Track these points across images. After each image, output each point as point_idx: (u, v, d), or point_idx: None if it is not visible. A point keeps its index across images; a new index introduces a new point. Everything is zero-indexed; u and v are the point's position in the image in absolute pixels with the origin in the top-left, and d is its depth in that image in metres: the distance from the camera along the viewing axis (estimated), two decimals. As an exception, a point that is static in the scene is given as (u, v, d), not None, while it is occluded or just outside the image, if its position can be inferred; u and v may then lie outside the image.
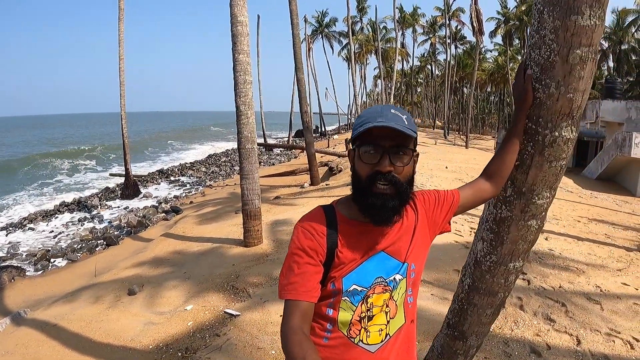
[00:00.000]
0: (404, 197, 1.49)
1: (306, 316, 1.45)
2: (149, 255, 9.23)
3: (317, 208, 1.61)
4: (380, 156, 1.44)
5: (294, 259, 1.49)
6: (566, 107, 1.86)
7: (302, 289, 1.44)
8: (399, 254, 1.58)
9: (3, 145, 57.90)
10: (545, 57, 1.84)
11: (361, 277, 1.52)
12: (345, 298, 1.51)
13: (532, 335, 4.68)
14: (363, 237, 1.54)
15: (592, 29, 1.76)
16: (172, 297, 6.43)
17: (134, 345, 5.07)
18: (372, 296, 1.53)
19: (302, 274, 1.46)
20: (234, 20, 7.67)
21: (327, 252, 1.50)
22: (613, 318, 5.14)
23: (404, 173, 1.48)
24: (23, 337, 5.82)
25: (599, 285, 6.17)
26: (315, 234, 1.50)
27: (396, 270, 1.57)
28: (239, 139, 8.12)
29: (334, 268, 1.50)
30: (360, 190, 1.49)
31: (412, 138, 1.48)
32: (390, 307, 1.56)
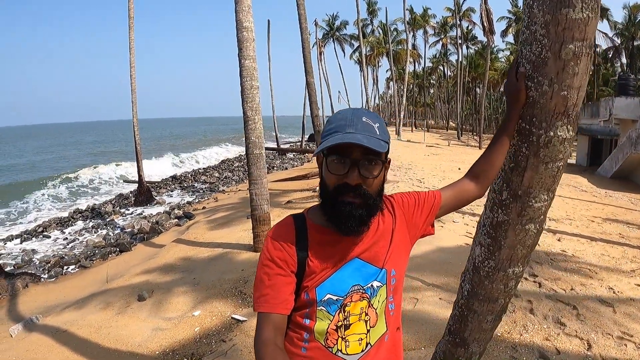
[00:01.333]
0: (372, 208, 1.44)
1: (279, 328, 1.42)
2: (160, 261, 9.25)
3: (287, 217, 1.57)
4: (349, 168, 1.38)
5: (265, 270, 1.45)
6: (561, 105, 1.78)
7: (274, 301, 1.41)
8: (376, 260, 1.52)
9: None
10: (537, 53, 1.76)
11: (335, 285, 1.46)
12: (322, 307, 1.46)
13: (541, 340, 4.58)
14: (335, 244, 1.48)
15: (585, 22, 1.68)
16: (180, 303, 6.44)
17: (141, 350, 5.09)
18: (349, 304, 1.47)
19: (272, 285, 1.43)
20: (239, 26, 7.67)
21: (298, 262, 1.46)
22: (626, 321, 5.00)
23: (375, 184, 1.43)
24: (34, 343, 5.87)
25: (612, 287, 6.02)
26: (284, 245, 1.46)
27: (374, 277, 1.51)
28: (247, 144, 8.12)
29: (306, 277, 1.46)
30: (327, 200, 1.44)
31: (384, 151, 1.41)
32: (370, 315, 1.50)
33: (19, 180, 33.30)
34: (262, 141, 8.13)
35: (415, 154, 27.06)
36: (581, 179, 20.80)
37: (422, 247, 7.34)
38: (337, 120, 1.44)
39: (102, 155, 52.59)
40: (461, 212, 10.54)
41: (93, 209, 20.01)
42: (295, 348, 1.50)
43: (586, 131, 27.39)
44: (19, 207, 22.77)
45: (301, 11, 15.71)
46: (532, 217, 2.06)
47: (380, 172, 1.42)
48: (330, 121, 1.47)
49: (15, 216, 20.69)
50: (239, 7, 7.62)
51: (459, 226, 9.19)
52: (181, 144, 66.72)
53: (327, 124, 1.47)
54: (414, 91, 75.52)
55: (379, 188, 1.46)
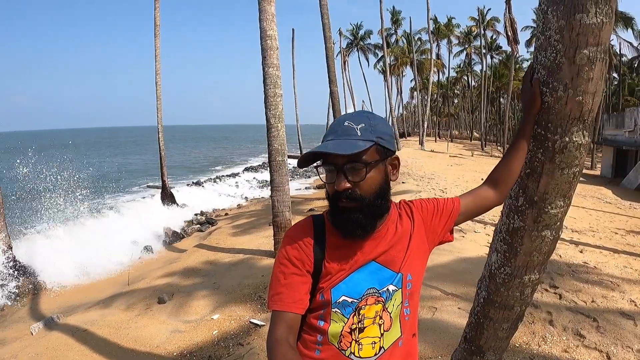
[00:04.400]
0: (369, 209, 1.43)
1: (292, 327, 1.42)
2: (182, 265, 9.37)
3: (307, 218, 1.58)
4: (337, 175, 1.40)
5: (281, 269, 1.46)
6: (576, 111, 1.78)
7: (288, 300, 1.42)
8: (392, 264, 1.52)
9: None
10: (552, 59, 1.77)
11: (351, 288, 1.46)
12: (336, 310, 1.46)
13: (559, 352, 4.51)
14: (352, 246, 1.48)
15: (599, 27, 1.68)
16: (200, 306, 6.51)
17: (159, 352, 5.17)
18: (364, 307, 1.47)
19: (288, 284, 1.44)
20: (263, 34, 7.76)
21: (315, 263, 1.47)
22: None
23: (367, 186, 1.42)
24: (53, 341, 5.99)
25: (634, 300, 5.90)
26: (302, 244, 1.47)
27: (390, 280, 1.50)
28: (270, 151, 8.19)
29: (322, 279, 1.47)
30: (330, 206, 1.47)
31: (367, 151, 1.39)
32: (384, 319, 1.50)
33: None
34: (284, 148, 8.19)
35: (438, 164, 26.94)
36: (605, 190, 20.53)
37: (443, 257, 7.32)
38: (328, 128, 1.49)
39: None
40: (482, 222, 10.47)
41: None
42: (309, 351, 1.50)
43: (611, 142, 27.00)
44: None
45: (325, 20, 15.83)
46: (548, 224, 2.05)
47: (365, 174, 1.41)
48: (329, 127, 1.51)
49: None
50: (263, 15, 7.72)
51: (480, 236, 9.13)
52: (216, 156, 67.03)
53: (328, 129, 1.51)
54: (438, 101, 75.22)
55: (377, 189, 1.45)
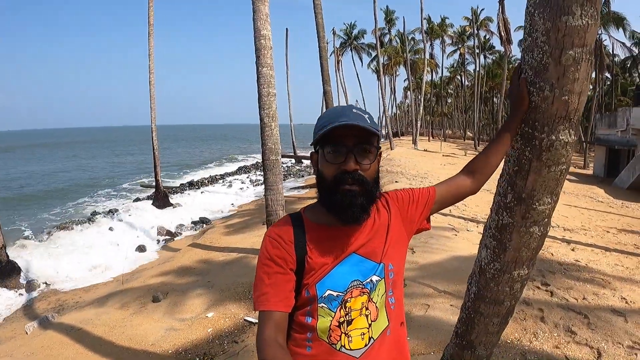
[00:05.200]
0: (371, 195, 1.47)
1: (280, 326, 1.43)
2: (176, 264, 9.40)
3: (285, 217, 1.59)
4: (345, 156, 1.42)
5: (264, 269, 1.47)
6: (562, 110, 1.83)
7: (274, 299, 1.43)
8: (373, 255, 1.54)
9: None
10: (538, 59, 1.82)
11: (335, 281, 1.48)
12: (322, 305, 1.47)
13: (551, 348, 4.58)
14: (332, 241, 1.51)
15: (585, 29, 1.73)
16: (194, 304, 6.55)
17: (154, 349, 5.20)
18: (350, 300, 1.48)
19: (272, 284, 1.45)
20: (257, 34, 7.78)
21: (297, 260, 1.48)
22: (637, 331, 4.96)
23: (370, 171, 1.46)
24: (48, 339, 6.03)
25: (625, 297, 5.98)
26: (283, 243, 1.48)
27: (372, 271, 1.52)
28: (263, 150, 8.21)
29: (306, 275, 1.48)
30: (326, 191, 1.46)
31: (376, 136, 1.46)
32: (370, 309, 1.51)
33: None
34: (278, 147, 8.22)
35: (431, 164, 27.00)
36: (598, 189, 20.70)
37: (436, 256, 7.38)
38: (329, 114, 1.49)
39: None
40: (475, 220, 10.55)
41: (110, 212, 20.27)
42: (300, 348, 1.51)
43: (603, 142, 27.13)
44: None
45: (319, 20, 15.84)
46: (536, 220, 2.10)
47: (374, 158, 1.46)
48: (320, 118, 1.51)
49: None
50: (257, 15, 7.74)
51: (473, 235, 9.19)
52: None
53: (318, 121, 1.51)
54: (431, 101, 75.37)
55: (375, 176, 1.49)
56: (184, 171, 39.91)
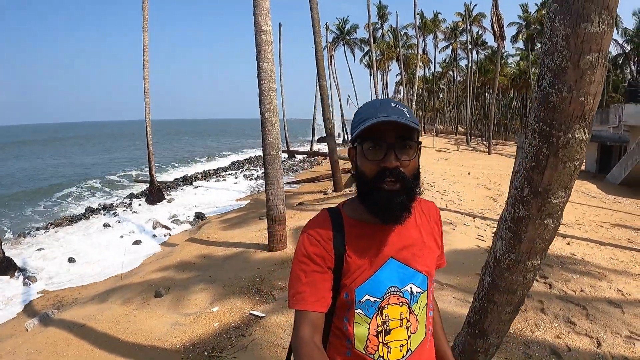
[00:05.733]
0: (412, 192, 1.40)
1: (317, 326, 1.40)
2: (175, 259, 9.43)
3: (322, 212, 1.53)
4: (386, 152, 1.36)
5: (301, 267, 1.43)
6: (578, 110, 1.94)
7: (311, 299, 1.39)
8: (413, 261, 1.48)
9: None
10: (558, 63, 1.93)
11: (374, 287, 1.43)
12: (359, 311, 1.42)
13: (552, 338, 4.71)
14: (371, 239, 1.45)
15: (602, 36, 1.84)
16: (198, 299, 6.60)
17: (162, 344, 5.24)
18: (386, 307, 1.43)
19: (309, 282, 1.40)
20: (258, 29, 7.82)
21: (335, 258, 1.42)
22: (634, 322, 5.11)
23: (410, 167, 1.39)
24: (51, 336, 6.02)
25: (621, 289, 6.13)
26: (321, 240, 1.43)
27: (411, 279, 1.47)
28: (264, 145, 8.27)
29: (345, 275, 1.43)
30: (365, 189, 1.41)
31: (416, 130, 1.39)
32: (411, 321, 1.47)
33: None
34: (278, 142, 8.29)
35: (425, 159, 27.07)
36: (590, 185, 20.76)
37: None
38: (366, 109, 1.42)
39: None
40: (472, 215, 10.66)
41: (104, 208, 20.25)
42: (340, 355, 1.48)
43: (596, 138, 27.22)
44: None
45: (314, 15, 15.87)
46: (550, 213, 2.22)
47: (415, 153, 1.40)
48: (358, 112, 1.44)
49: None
50: (258, 10, 7.78)
51: (470, 229, 9.31)
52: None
53: (355, 115, 1.45)
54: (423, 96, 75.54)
55: (416, 172, 1.42)
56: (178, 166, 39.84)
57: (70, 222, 17.88)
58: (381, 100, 1.44)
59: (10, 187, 29.45)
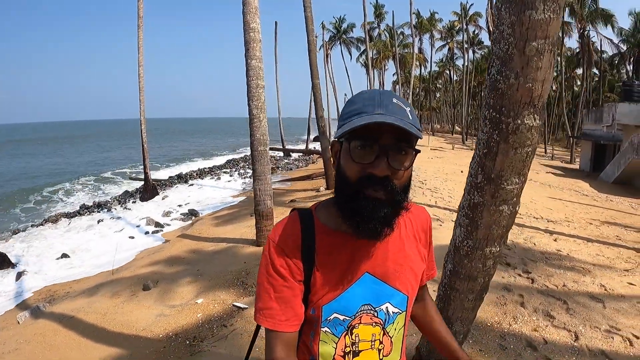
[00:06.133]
0: (399, 206, 1.20)
1: (290, 344, 1.27)
2: (165, 254, 9.51)
3: (292, 215, 1.35)
4: (376, 155, 1.14)
5: (269, 280, 1.27)
6: (526, 96, 1.99)
7: (281, 318, 1.25)
8: (390, 278, 1.32)
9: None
10: (504, 50, 1.98)
11: (344, 304, 1.28)
12: (326, 329, 1.29)
13: (529, 331, 4.75)
14: (345, 251, 1.28)
15: (547, 22, 1.89)
16: (184, 292, 6.69)
17: (146, 334, 5.34)
18: (357, 327, 1.30)
19: (280, 298, 1.26)
20: (247, 27, 7.89)
21: (304, 271, 1.27)
22: (615, 316, 5.14)
23: (403, 178, 1.20)
24: (41, 327, 6.13)
25: (604, 284, 6.16)
26: (288, 251, 1.26)
27: (388, 298, 1.32)
28: (252, 141, 8.34)
29: (312, 289, 1.28)
30: (345, 194, 1.20)
31: (417, 137, 1.17)
32: (385, 343, 1.34)
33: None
34: (266, 139, 8.35)
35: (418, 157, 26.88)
36: (583, 183, 20.91)
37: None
38: (362, 100, 1.20)
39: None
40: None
41: (99, 205, 20.31)
42: None
43: (590, 136, 27.41)
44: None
45: (308, 13, 15.92)
46: (505, 199, 2.26)
47: (411, 163, 1.19)
48: (352, 101, 1.22)
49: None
50: (247, 8, 7.85)
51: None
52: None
53: (347, 104, 1.23)
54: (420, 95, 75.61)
55: (407, 183, 1.23)
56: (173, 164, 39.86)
57: (65, 218, 17.96)
58: (381, 92, 1.21)
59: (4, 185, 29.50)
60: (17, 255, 12.52)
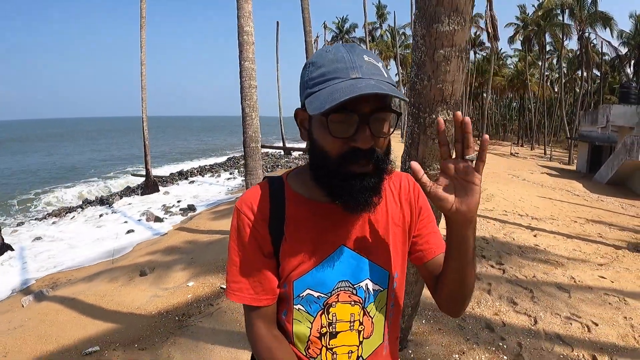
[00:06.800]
0: (384, 172, 1.11)
1: (269, 318, 1.23)
2: (163, 245, 9.97)
3: (262, 182, 1.25)
4: (357, 126, 1.02)
5: (237, 252, 1.20)
6: (438, 95, 2.41)
7: (250, 292, 1.20)
8: (369, 252, 1.22)
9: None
10: (419, 57, 2.41)
11: (318, 280, 1.18)
12: (299, 306, 1.20)
13: (490, 315, 5.07)
14: (319, 222, 1.18)
15: (452, 33, 2.31)
16: (177, 277, 7.11)
17: (140, 312, 5.78)
18: (334, 305, 1.19)
19: (247, 272, 1.19)
20: (240, 30, 8.30)
21: (272, 242, 1.19)
22: (578, 305, 5.41)
23: (386, 143, 1.11)
24: (44, 308, 6.57)
25: (574, 277, 6.41)
26: (254, 220, 1.18)
27: (368, 274, 1.21)
28: (244, 138, 8.75)
29: (282, 261, 1.19)
30: (326, 171, 1.09)
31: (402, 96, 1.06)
32: (365, 324, 1.23)
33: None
34: (258, 136, 8.76)
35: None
36: (576, 184, 21.08)
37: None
38: (329, 61, 1.05)
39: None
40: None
41: (101, 200, 20.75)
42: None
43: (586, 138, 27.64)
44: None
45: (305, 15, 16.34)
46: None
47: (393, 126, 1.10)
48: (315, 63, 1.07)
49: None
50: (241, 13, 8.26)
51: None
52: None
53: (310, 67, 1.08)
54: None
55: (388, 147, 1.13)
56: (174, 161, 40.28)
57: (67, 212, 18.40)
58: (348, 48, 1.08)
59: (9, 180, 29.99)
60: (21, 246, 12.96)
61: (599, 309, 5.35)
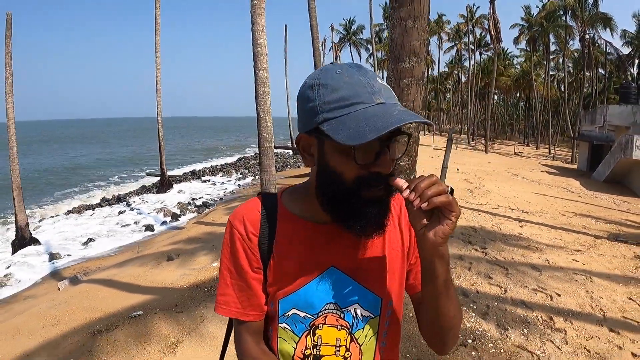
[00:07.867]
0: (393, 193, 1.07)
1: (257, 332, 1.22)
2: (184, 236, 10.99)
3: (254, 199, 1.23)
4: (378, 152, 0.98)
5: (226, 266, 1.19)
6: None
7: (237, 306, 1.18)
8: (365, 276, 1.17)
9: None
10: (389, 83, 3.38)
11: (304, 300, 1.15)
12: (284, 325, 1.18)
13: (467, 285, 5.95)
14: (309, 241, 1.15)
15: (412, 69, 3.32)
16: (202, 260, 8.11)
17: (173, 286, 6.78)
18: (321, 327, 1.16)
19: (235, 286, 1.18)
20: (255, 42, 9.25)
21: (262, 259, 1.17)
22: (546, 280, 6.16)
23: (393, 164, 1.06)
24: (82, 288, 7.53)
25: (549, 260, 7.12)
26: (245, 235, 1.16)
27: (357, 299, 1.17)
28: (259, 139, 9.74)
29: (269, 279, 1.17)
30: (342, 196, 1.03)
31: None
32: (352, 351, 1.18)
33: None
34: (271, 137, 9.74)
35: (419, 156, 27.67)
36: (574, 181, 21.46)
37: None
38: (347, 84, 0.98)
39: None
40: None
41: (118, 198, 21.82)
42: None
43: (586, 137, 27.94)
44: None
45: (313, 22, 17.24)
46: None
47: (407, 149, 1.12)
48: (329, 86, 0.99)
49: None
50: (255, 27, 9.23)
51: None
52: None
53: (320, 88, 0.99)
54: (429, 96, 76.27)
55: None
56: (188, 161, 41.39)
57: (87, 209, 19.47)
58: (356, 68, 1.02)
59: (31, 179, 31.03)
60: (47, 239, 13.96)
61: (565, 284, 6.09)
